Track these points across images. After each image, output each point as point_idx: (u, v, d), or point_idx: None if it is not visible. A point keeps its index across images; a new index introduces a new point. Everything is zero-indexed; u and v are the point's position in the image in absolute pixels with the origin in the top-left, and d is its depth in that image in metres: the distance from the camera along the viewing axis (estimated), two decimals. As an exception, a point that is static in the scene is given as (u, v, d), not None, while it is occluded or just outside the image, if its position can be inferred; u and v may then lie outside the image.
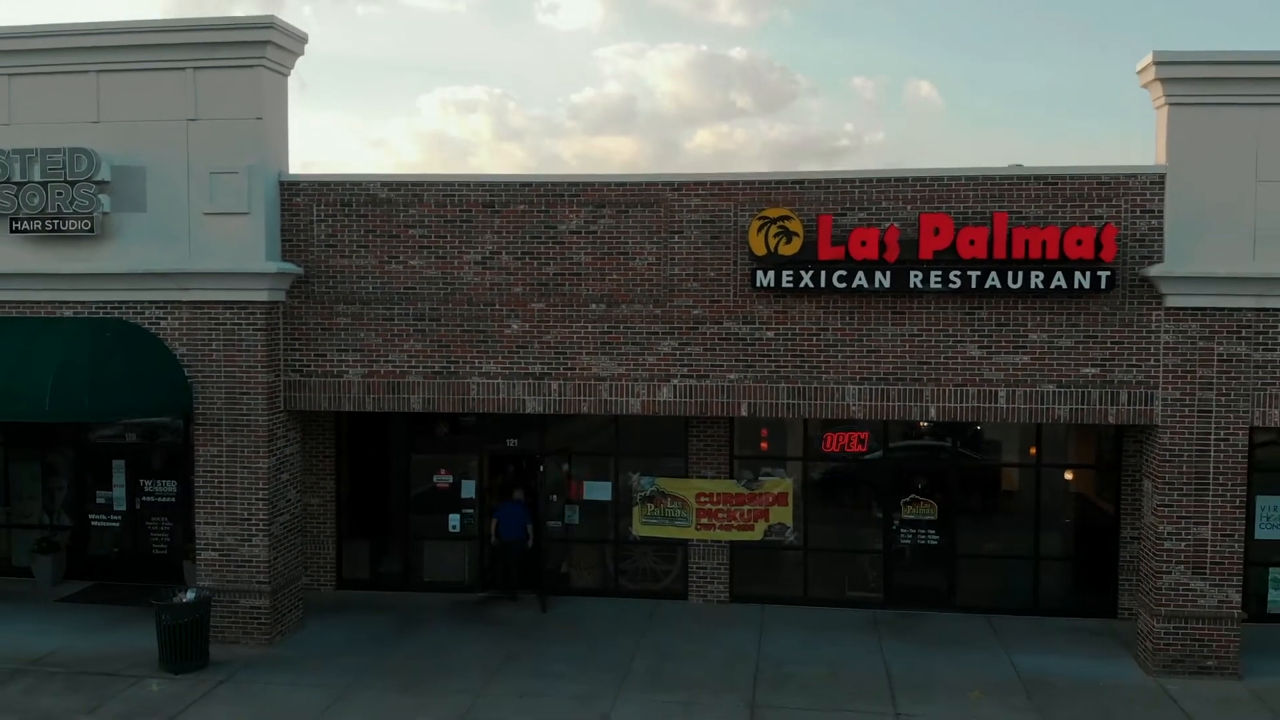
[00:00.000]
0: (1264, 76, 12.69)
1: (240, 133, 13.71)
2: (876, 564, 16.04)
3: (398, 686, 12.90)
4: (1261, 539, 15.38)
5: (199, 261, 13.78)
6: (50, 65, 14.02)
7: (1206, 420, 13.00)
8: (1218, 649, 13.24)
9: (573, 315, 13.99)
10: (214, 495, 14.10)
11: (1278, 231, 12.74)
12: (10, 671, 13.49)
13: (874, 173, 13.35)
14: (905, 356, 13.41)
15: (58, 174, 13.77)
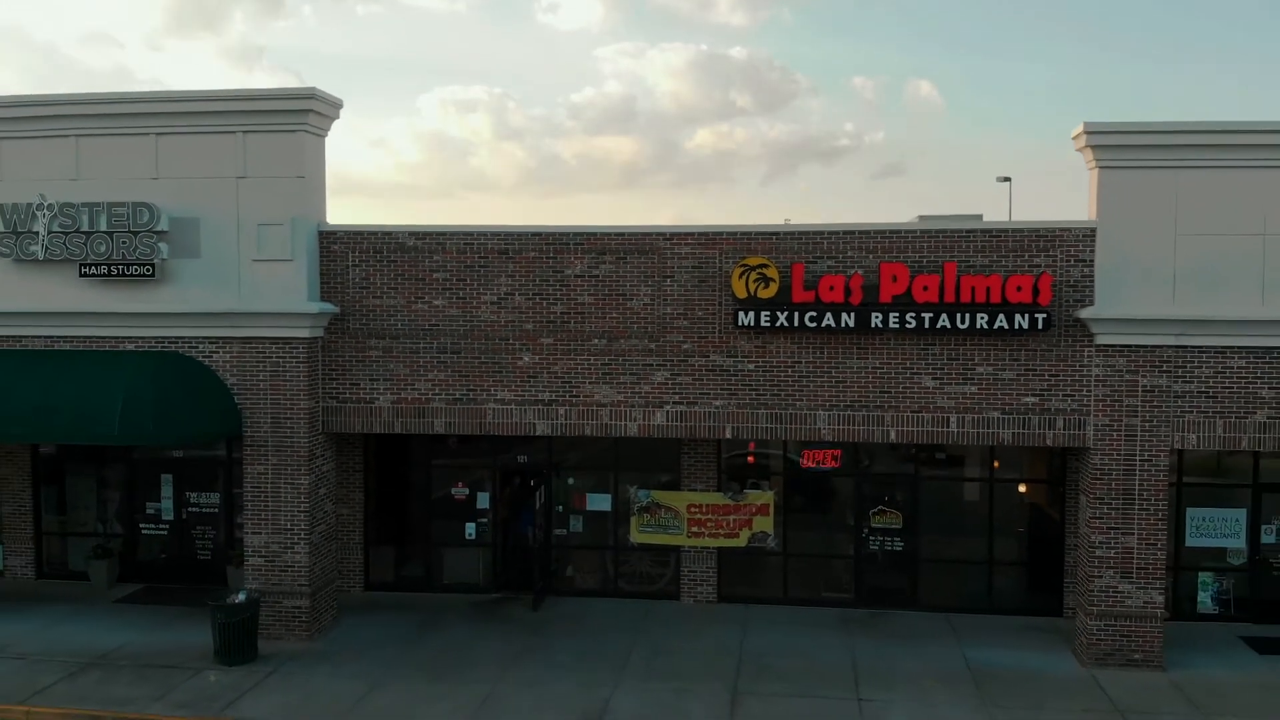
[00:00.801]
0: (1181, 144, 14.59)
1: (284, 189, 15.61)
2: (848, 568, 17.95)
3: (425, 676, 14.80)
4: (1192, 546, 17.31)
5: (248, 303, 15.68)
6: (114, 128, 15.93)
7: (1132, 443, 14.91)
8: (1143, 644, 15.14)
9: (577, 349, 15.89)
10: (261, 508, 16.01)
11: (1194, 279, 14.63)
12: (82, 665, 15.38)
13: (840, 226, 15.25)
14: (868, 387, 15.32)
15: (122, 225, 15.67)
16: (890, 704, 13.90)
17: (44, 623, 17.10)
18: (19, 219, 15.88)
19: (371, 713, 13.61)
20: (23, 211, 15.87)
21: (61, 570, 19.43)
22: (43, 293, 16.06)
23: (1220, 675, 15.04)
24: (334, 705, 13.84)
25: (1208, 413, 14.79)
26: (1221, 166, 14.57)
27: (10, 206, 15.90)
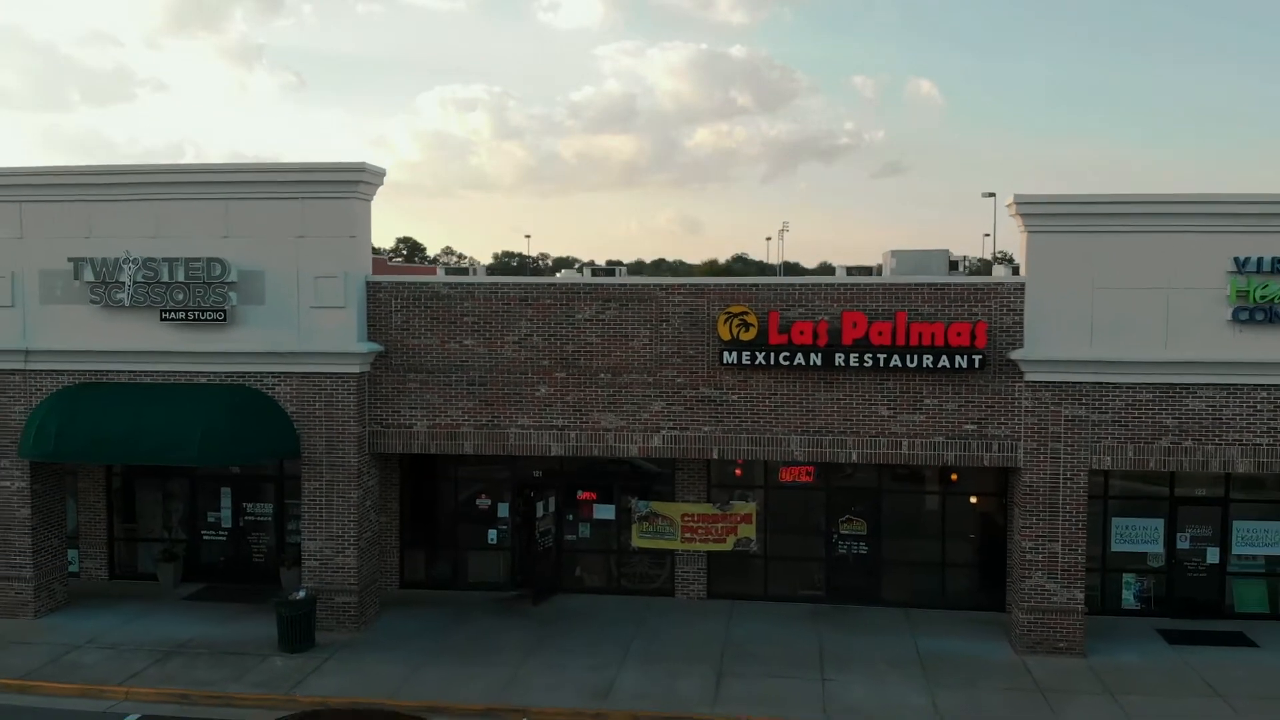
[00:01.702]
0: (1096, 214, 17.44)
1: (338, 247, 18.47)
2: (820, 568, 20.81)
3: (457, 660, 17.65)
4: (1117, 551, 20.15)
5: (306, 343, 18.53)
6: (190, 194, 18.78)
7: (1056, 464, 17.76)
8: (1066, 635, 17.99)
9: (586, 382, 18.73)
10: (316, 518, 18.86)
11: (1109, 326, 17.47)
12: (165, 653, 18.23)
13: (809, 280, 18.13)
14: (833, 415, 18.17)
15: (197, 276, 18.53)
16: (849, 683, 16.76)
17: (124, 618, 19.94)
18: (107, 271, 18.73)
19: (417, 689, 16.47)
20: (110, 265, 18.72)
21: (131, 572, 22.28)
22: (128, 335, 18.90)
23: (1132, 661, 17.89)
24: (385, 684, 16.70)
25: (1120, 439, 17.64)
26: (1131, 232, 17.42)
27: (99, 261, 18.75)
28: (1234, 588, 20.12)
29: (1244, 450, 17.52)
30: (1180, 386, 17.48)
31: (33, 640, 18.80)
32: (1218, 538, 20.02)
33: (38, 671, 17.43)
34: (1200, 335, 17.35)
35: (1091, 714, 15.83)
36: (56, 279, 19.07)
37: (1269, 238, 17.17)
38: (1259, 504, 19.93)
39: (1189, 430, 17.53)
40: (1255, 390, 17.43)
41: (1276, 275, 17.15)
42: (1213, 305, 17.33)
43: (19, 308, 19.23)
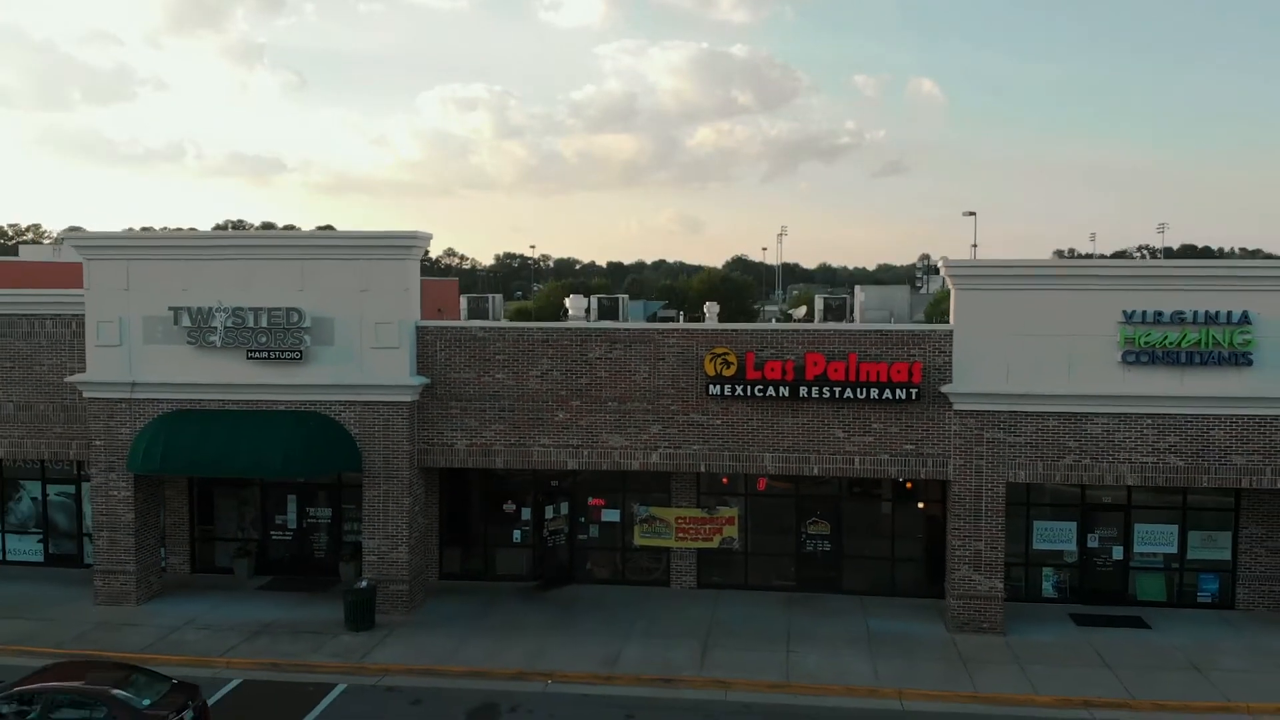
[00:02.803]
0: (1010, 275, 21.68)
1: (393, 299, 22.72)
2: (791, 563, 25.06)
3: (493, 636, 21.90)
4: (1038, 549, 24.41)
5: (368, 377, 22.78)
6: (272, 256, 23.04)
7: (979, 478, 22.01)
8: (989, 617, 22.23)
9: (597, 409, 22.97)
10: (375, 520, 23.12)
11: (1022, 365, 21.69)
12: (252, 632, 22.48)
13: (779, 327, 22.41)
14: (799, 437, 22.42)
15: (278, 323, 22.78)
16: (808, 654, 21.02)
17: (210, 604, 24.21)
18: (202, 318, 22.99)
19: (463, 658, 20.74)
20: (205, 313, 22.97)
21: (210, 566, 26.53)
22: (218, 370, 23.16)
23: (1043, 639, 22.13)
24: (437, 654, 20.98)
25: (1031, 457, 21.89)
26: (1040, 290, 21.66)
27: (195, 309, 23.01)
28: (1136, 580, 24.37)
29: (1133, 467, 21.77)
30: (1080, 415, 21.73)
31: (139, 623, 23.07)
32: (1122, 538, 24.29)
33: (152, 647, 21.70)
34: (1096, 373, 21.57)
35: (1000, 679, 20.08)
36: (158, 324, 23.32)
37: (1150, 295, 21.37)
38: (1156, 510, 24.17)
39: (1088, 450, 21.78)
40: (1142, 418, 21.67)
41: (1157, 325, 21.37)
42: (1106, 349, 21.55)
43: (126, 347, 23.48)
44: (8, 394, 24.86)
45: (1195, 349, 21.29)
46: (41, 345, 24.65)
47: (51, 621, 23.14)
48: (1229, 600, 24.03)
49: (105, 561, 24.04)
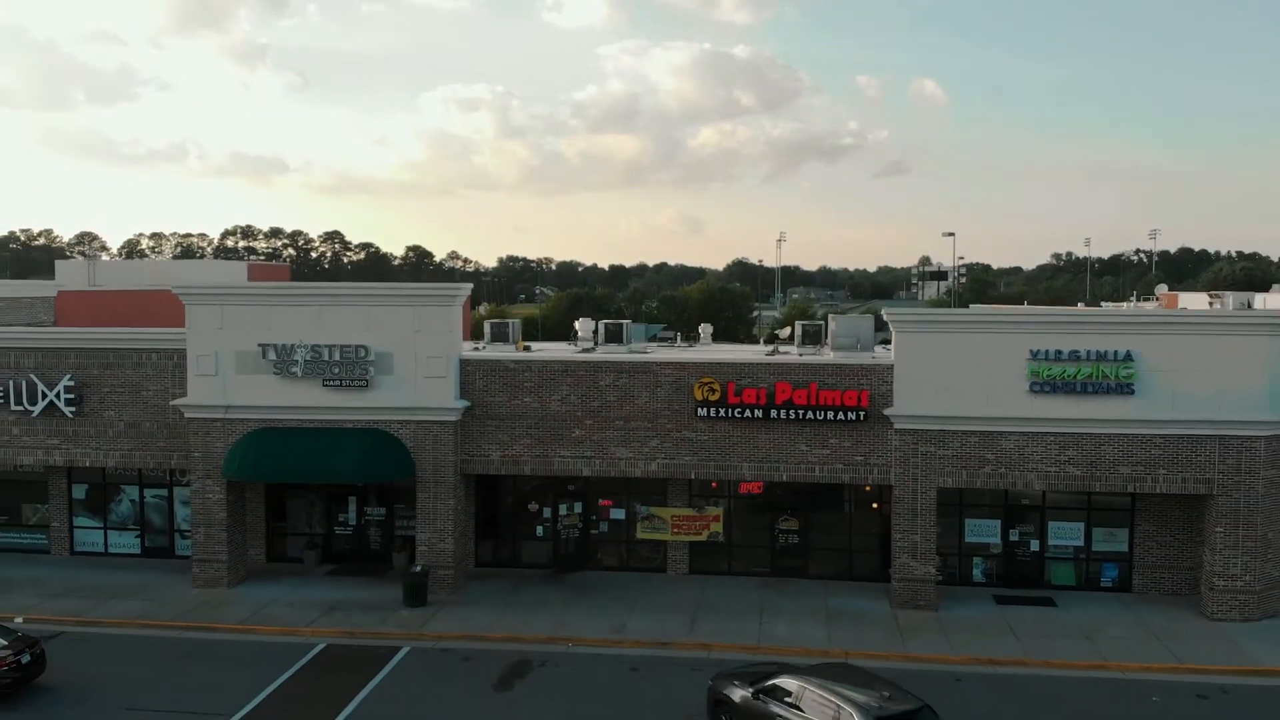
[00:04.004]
0: (939, 321, 27.24)
1: (441, 337, 28.28)
2: (767, 553, 30.60)
3: (523, 611, 27.44)
4: (969, 541, 29.93)
5: (421, 400, 28.34)
6: (343, 303, 28.63)
7: (915, 483, 27.54)
8: (924, 596, 27.74)
9: (606, 426, 28.50)
10: (426, 518, 28.67)
11: (948, 392, 27.17)
12: (327, 608, 28.02)
13: (753, 360, 27.92)
14: (770, 450, 27.95)
15: (348, 357, 28.34)
16: (776, 625, 26.57)
17: (288, 587, 29.73)
18: (285, 353, 28.53)
19: (501, 627, 26.31)
20: (287, 349, 28.52)
21: (282, 556, 32.08)
22: (298, 395, 28.70)
23: (968, 614, 27.65)
24: (479, 624, 26.55)
25: (956, 467, 27.42)
26: (963, 333, 27.19)
27: (280, 345, 28.55)
28: (1050, 568, 29.89)
29: (1039, 475, 27.30)
30: (996, 433, 27.25)
31: (235, 603, 28.61)
32: (1039, 533, 29.81)
33: (248, 620, 27.26)
34: (1008, 400, 27.08)
35: (927, 643, 25.61)
36: (247, 357, 28.85)
37: (1052, 337, 26.88)
38: (1067, 510, 29.67)
39: (1002, 461, 27.31)
40: (1046, 436, 27.19)
41: (1058, 361, 26.88)
42: (1017, 380, 27.06)
43: (221, 376, 29.01)
44: (119, 414, 30.41)
45: (1089, 380, 26.81)
46: (148, 374, 30.21)
47: (161, 602, 28.67)
48: (1127, 585, 29.53)
49: (202, 552, 29.60)
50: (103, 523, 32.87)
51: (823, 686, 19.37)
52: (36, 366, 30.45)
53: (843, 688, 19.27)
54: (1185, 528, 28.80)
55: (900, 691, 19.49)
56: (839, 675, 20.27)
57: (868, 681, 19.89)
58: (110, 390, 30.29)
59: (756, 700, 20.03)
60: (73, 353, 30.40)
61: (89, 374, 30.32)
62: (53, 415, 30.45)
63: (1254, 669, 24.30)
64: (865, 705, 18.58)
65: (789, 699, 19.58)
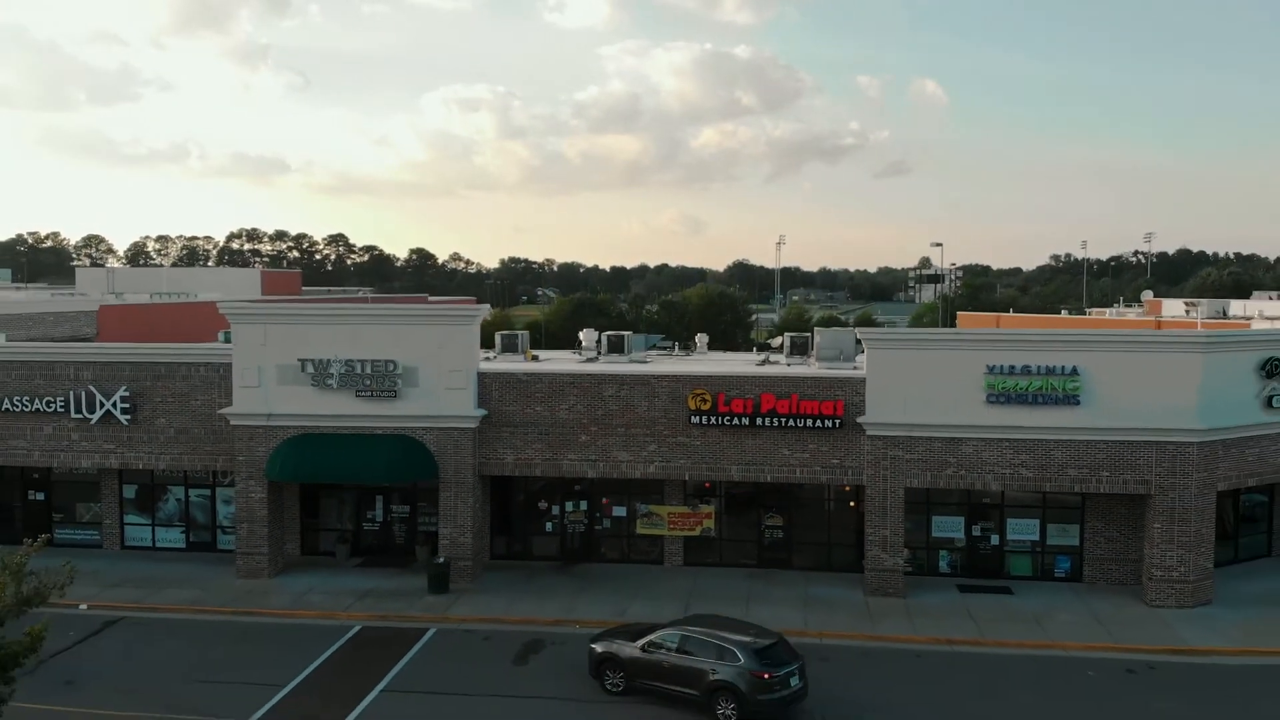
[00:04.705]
0: (905, 340, 30.76)
1: (461, 352, 31.85)
2: (754, 546, 34.17)
3: (535, 599, 30.98)
4: (936, 536, 33.47)
5: (443, 409, 31.90)
6: (374, 322, 32.18)
7: (885, 484, 31.07)
8: (893, 585, 31.27)
9: (609, 432, 32.05)
10: (448, 514, 32.24)
11: (914, 403, 30.68)
12: (359, 595, 31.57)
13: (740, 373, 31.45)
14: (756, 453, 31.51)
15: (379, 370, 31.90)
16: (760, 610, 30.09)
17: (323, 577, 33.29)
18: (322, 366, 32.08)
19: (516, 611, 29.88)
20: (323, 363, 32.07)
21: (315, 550, 35.63)
22: (333, 405, 32.26)
23: (932, 601, 31.18)
24: (497, 609, 30.11)
25: (921, 469, 30.95)
26: (928, 350, 30.75)
27: (317, 360, 32.10)
28: (1009, 560, 33.42)
29: (995, 477, 30.85)
30: (957, 439, 30.79)
31: (276, 591, 32.16)
32: (999, 528, 33.34)
33: (290, 605, 30.82)
34: (967, 409, 30.61)
35: (893, 626, 29.15)
36: (288, 370, 32.38)
37: (1006, 354, 30.41)
38: (1024, 507, 33.19)
39: (963, 464, 30.85)
40: (1001, 442, 30.72)
41: (1011, 375, 30.40)
42: (975, 392, 30.59)
43: (263, 388, 32.56)
44: (169, 421, 33.98)
45: (1039, 393, 30.35)
46: (195, 385, 33.77)
47: (209, 590, 32.21)
48: (1078, 575, 33.05)
49: (245, 546, 33.17)
50: (151, 520, 36.42)
51: (703, 633, 23.93)
52: (95, 378, 34.00)
53: (720, 631, 24.00)
54: (1129, 524, 32.32)
55: (762, 630, 24.46)
56: (712, 623, 24.84)
57: (737, 627, 24.65)
58: (162, 400, 33.85)
59: (645, 653, 24.28)
60: (128, 366, 33.95)
61: (143, 385, 33.87)
62: (109, 423, 34.00)
63: (1181, 648, 27.84)
64: (742, 642, 23.40)
65: (675, 646, 23.97)
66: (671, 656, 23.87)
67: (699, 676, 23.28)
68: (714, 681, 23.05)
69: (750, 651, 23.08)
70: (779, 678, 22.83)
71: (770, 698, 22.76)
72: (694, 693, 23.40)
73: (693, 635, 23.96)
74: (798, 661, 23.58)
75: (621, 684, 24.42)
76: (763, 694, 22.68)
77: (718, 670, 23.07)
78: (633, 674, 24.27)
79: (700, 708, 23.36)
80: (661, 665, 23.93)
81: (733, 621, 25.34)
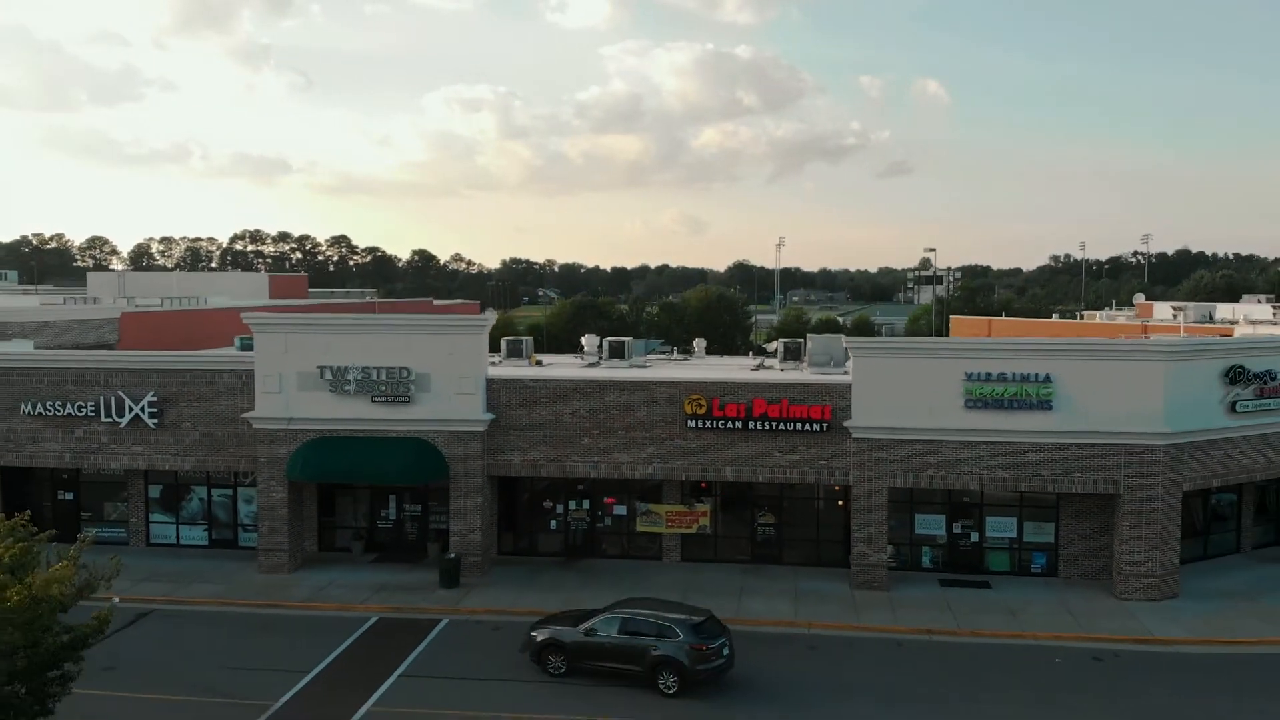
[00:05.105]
0: (888, 349, 32.88)
1: (470, 359, 33.98)
2: (748, 543, 36.29)
3: (541, 591, 33.10)
4: (919, 533, 35.58)
5: (454, 414, 34.02)
6: (389, 332, 34.34)
7: (870, 484, 33.19)
8: (877, 579, 33.38)
9: (610, 434, 34.16)
10: (459, 512, 34.36)
11: (896, 407, 32.76)
12: (376, 588, 33.69)
13: (735, 379, 33.57)
14: (749, 455, 33.62)
15: (393, 377, 34.03)
16: (752, 602, 32.23)
17: (341, 572, 35.42)
18: (340, 374, 34.21)
19: (523, 603, 32.00)
20: (341, 370, 34.21)
21: (331, 547, 37.76)
22: (350, 409, 34.39)
23: (914, 594, 33.30)
24: (505, 601, 32.24)
25: (904, 470, 33.06)
26: (909, 358, 32.85)
27: (335, 367, 34.24)
28: (988, 556, 35.52)
29: (973, 477, 32.96)
30: (937, 441, 32.90)
31: (296, 585, 34.28)
32: (978, 526, 35.45)
33: (311, 598, 32.95)
34: (947, 414, 32.72)
35: (877, 617, 31.27)
36: (307, 377, 34.51)
37: (983, 362, 32.52)
38: (1002, 506, 35.29)
39: (942, 466, 32.97)
40: (979, 445, 32.83)
41: (988, 382, 32.50)
42: (954, 397, 32.70)
43: (284, 394, 34.69)
44: (194, 425, 36.11)
45: (1014, 398, 32.46)
46: (220, 391, 35.90)
47: (233, 584, 34.35)
48: (1054, 570, 35.15)
49: (267, 542, 35.31)
50: (175, 518, 38.55)
51: (644, 614, 26.50)
52: (124, 384, 36.13)
53: (659, 611, 26.72)
54: (1102, 522, 34.41)
55: (694, 609, 27.28)
56: (647, 605, 27.47)
57: (672, 607, 27.51)
58: (187, 404, 35.98)
59: (589, 637, 26.56)
60: (155, 373, 36.08)
61: (169, 390, 36.00)
62: (137, 426, 36.12)
63: (1145, 638, 29.94)
64: (680, 619, 26.21)
65: (617, 628, 26.41)
66: (614, 638, 26.33)
67: (642, 653, 25.86)
68: (656, 657, 25.70)
69: (688, 627, 25.88)
70: (714, 649, 25.74)
71: (707, 667, 25.61)
72: (636, 668, 25.96)
73: (634, 617, 26.52)
74: (726, 635, 26.41)
75: (564, 666, 26.77)
76: (700, 664, 25.52)
77: (659, 646, 25.72)
78: (575, 657, 26.64)
79: (643, 681, 25.92)
80: (604, 646, 26.36)
81: (666, 603, 28.16)
